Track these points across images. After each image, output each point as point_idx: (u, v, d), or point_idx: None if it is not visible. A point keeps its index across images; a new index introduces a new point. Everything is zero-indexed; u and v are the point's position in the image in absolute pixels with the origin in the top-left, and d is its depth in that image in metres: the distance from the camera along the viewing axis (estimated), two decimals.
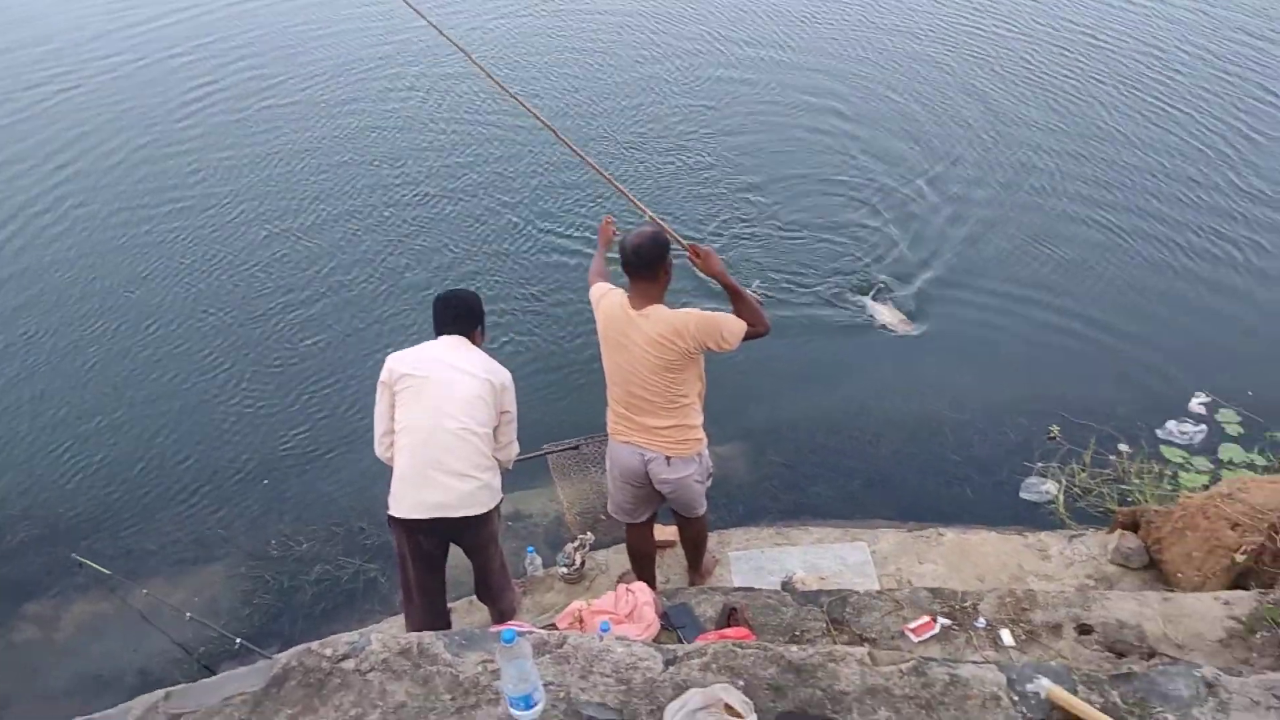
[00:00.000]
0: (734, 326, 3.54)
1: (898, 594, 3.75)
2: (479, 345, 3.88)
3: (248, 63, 11.16)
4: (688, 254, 3.65)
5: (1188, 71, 9.78)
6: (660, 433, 3.69)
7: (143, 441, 6.07)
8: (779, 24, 11.52)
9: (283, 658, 2.71)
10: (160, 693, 2.71)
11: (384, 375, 3.77)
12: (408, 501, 3.69)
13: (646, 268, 3.55)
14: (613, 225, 4.20)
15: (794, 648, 2.72)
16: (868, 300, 6.73)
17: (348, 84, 10.58)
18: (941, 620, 3.56)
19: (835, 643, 3.49)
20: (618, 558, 4.83)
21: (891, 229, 7.62)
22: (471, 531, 3.81)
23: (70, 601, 5.16)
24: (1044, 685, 2.51)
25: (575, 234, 7.73)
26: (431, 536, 3.77)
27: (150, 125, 9.92)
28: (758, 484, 5.47)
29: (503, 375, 3.78)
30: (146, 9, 12.78)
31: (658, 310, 3.54)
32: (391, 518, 3.76)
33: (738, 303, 3.61)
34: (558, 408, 5.96)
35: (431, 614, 3.94)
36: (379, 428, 3.83)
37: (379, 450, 3.87)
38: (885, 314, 6.57)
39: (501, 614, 4.09)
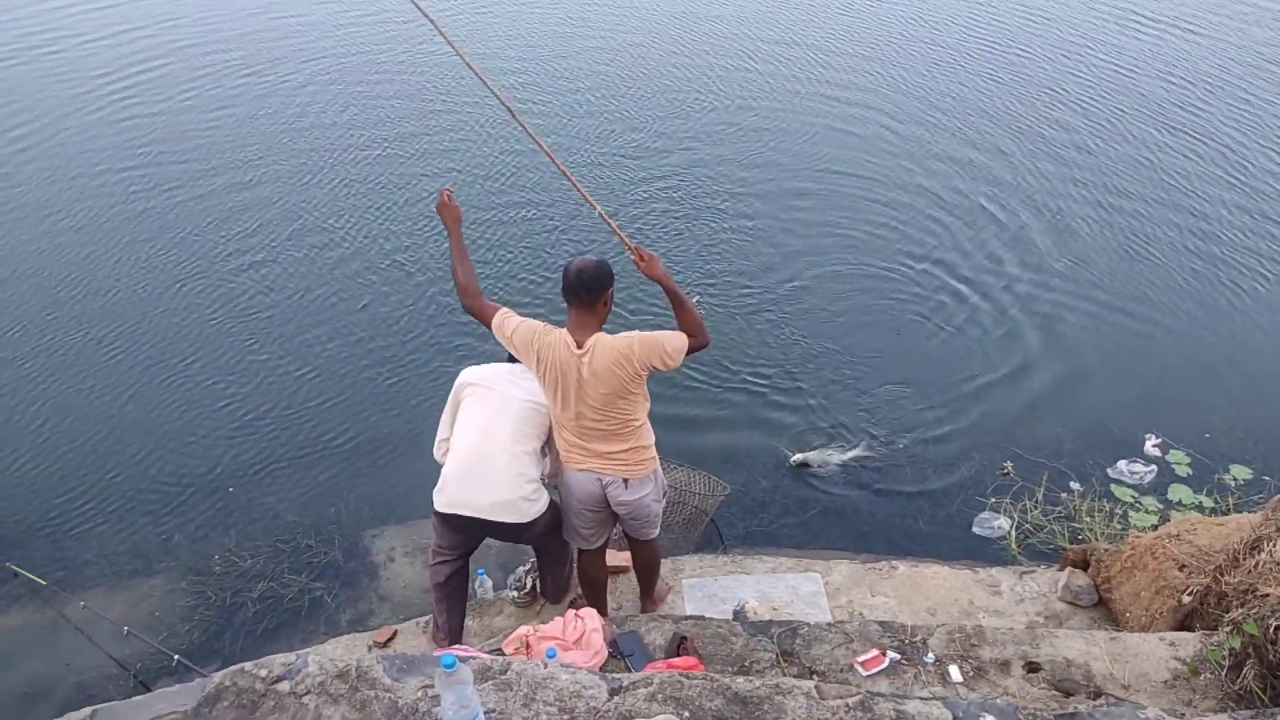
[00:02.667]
0: (677, 343, 3.50)
1: (848, 626, 3.73)
2: None
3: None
4: (632, 256, 3.57)
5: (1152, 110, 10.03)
6: (616, 457, 3.66)
7: (85, 450, 5.92)
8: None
9: (216, 677, 2.63)
10: (87, 710, 2.62)
11: (455, 385, 3.96)
12: (447, 498, 3.85)
13: (588, 293, 3.44)
14: (452, 196, 3.73)
15: (741, 679, 2.68)
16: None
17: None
18: (891, 654, 3.54)
19: (784, 674, 3.46)
20: (570, 583, 4.77)
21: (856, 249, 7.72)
22: (511, 535, 4.08)
23: (3, 612, 5.00)
24: None
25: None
26: (460, 533, 3.98)
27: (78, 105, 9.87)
28: (713, 512, 5.44)
29: None
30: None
31: (600, 340, 3.47)
32: (435, 511, 3.92)
33: (680, 311, 3.56)
34: None
35: (451, 607, 4.19)
36: (440, 433, 4.02)
37: (436, 453, 4.02)
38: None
39: (556, 591, 4.58)
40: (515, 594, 4.70)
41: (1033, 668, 3.52)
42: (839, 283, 7.46)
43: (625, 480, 3.71)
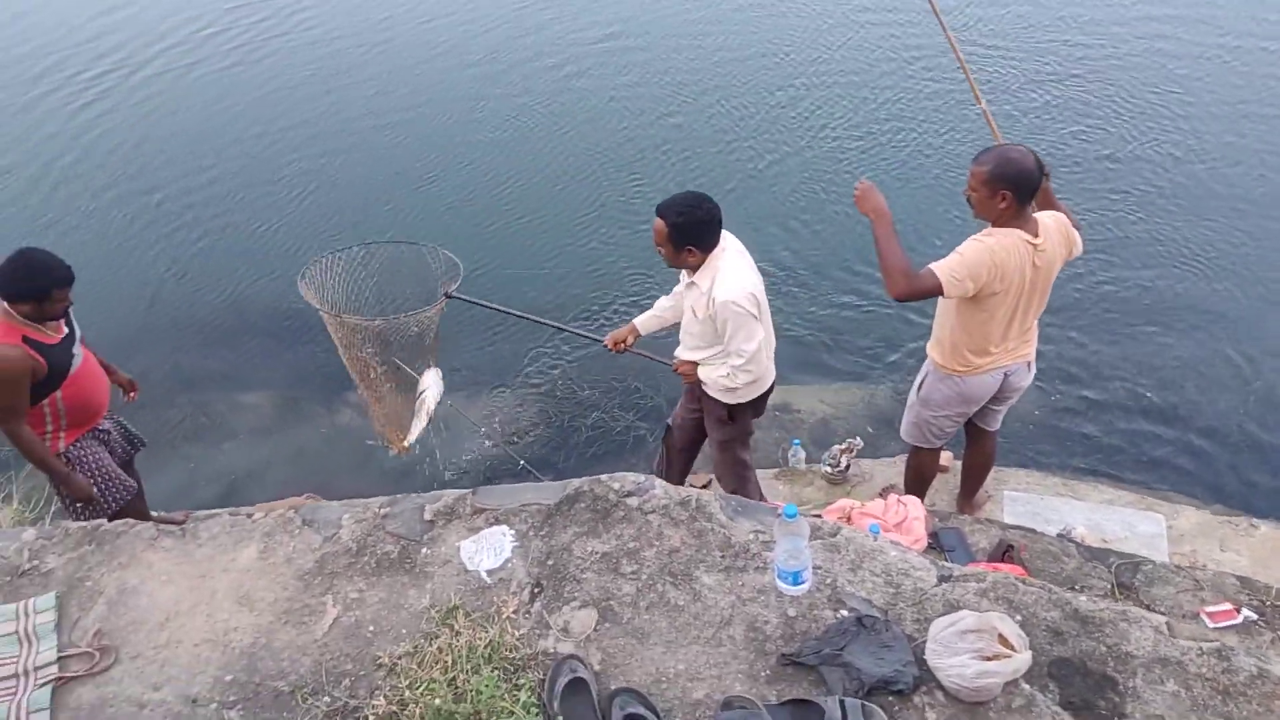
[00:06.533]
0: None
1: (1198, 573, 3.42)
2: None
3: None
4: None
5: None
6: (1027, 340, 3.61)
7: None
8: None
9: (575, 482, 2.89)
10: (467, 489, 2.97)
11: (749, 307, 3.55)
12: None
13: (1039, 187, 3.27)
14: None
15: (1083, 597, 2.55)
16: None
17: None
18: (1245, 612, 3.22)
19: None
20: (882, 470, 4.76)
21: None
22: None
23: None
24: None
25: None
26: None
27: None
28: (1050, 429, 5.14)
29: None
30: None
31: (1042, 224, 3.30)
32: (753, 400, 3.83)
33: (1053, 197, 3.51)
34: None
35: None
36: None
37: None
38: None
39: None
40: (829, 469, 4.75)
41: None
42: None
43: (1028, 363, 3.67)
